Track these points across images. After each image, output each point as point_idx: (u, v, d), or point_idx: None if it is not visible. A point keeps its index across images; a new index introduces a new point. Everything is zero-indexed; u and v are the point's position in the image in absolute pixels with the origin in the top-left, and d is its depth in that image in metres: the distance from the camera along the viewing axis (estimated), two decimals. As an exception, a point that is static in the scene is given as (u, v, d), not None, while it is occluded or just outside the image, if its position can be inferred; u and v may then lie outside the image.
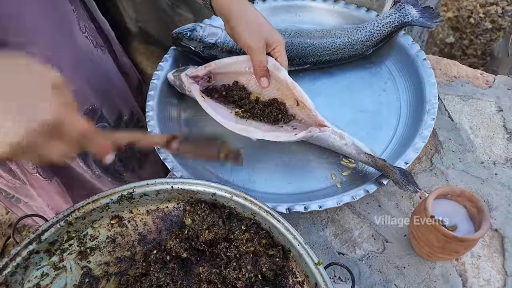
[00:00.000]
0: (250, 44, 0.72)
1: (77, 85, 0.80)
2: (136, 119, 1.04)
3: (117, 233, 0.66)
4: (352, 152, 0.72)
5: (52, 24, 0.71)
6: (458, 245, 0.58)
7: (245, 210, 0.64)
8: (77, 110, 0.70)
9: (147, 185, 0.64)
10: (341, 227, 0.73)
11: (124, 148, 0.56)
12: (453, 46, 2.77)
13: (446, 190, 0.61)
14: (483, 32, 2.79)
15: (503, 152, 0.81)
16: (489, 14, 2.88)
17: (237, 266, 0.59)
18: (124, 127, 0.98)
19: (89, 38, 0.83)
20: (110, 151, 0.52)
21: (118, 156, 0.97)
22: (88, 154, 0.89)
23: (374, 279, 0.67)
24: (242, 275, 0.58)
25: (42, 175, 0.84)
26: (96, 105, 0.86)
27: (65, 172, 0.92)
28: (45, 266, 0.61)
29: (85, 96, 0.83)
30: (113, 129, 0.94)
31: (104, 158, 0.53)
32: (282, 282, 0.62)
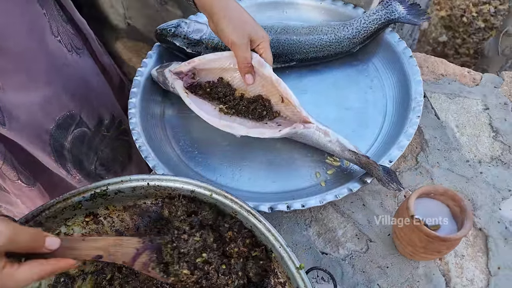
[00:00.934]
0: (234, 40, 0.71)
1: (51, 91, 0.78)
2: (118, 122, 1.02)
3: (93, 230, 0.64)
4: (336, 149, 0.71)
5: (23, 29, 0.69)
6: (441, 245, 0.57)
7: (225, 208, 0.62)
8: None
9: (122, 182, 0.62)
10: (324, 227, 0.72)
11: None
12: (446, 45, 2.78)
13: (429, 189, 0.61)
14: (476, 31, 2.80)
15: (488, 151, 0.80)
16: (481, 13, 2.89)
17: (227, 271, 0.57)
18: (105, 131, 0.96)
19: (62, 42, 0.81)
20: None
21: (100, 160, 0.95)
22: (66, 160, 0.87)
23: (357, 279, 0.66)
24: (232, 281, 0.57)
25: (24, 181, 0.82)
26: (74, 111, 0.84)
27: (46, 177, 0.91)
28: (18, 266, 0.59)
29: (61, 102, 0.81)
30: (94, 136, 0.92)
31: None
32: (264, 283, 0.61)
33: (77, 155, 0.88)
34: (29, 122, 0.76)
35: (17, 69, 0.69)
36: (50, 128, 0.79)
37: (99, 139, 0.94)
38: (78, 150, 0.88)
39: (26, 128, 0.76)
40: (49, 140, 0.80)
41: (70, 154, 0.86)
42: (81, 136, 0.87)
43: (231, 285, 0.56)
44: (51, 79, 0.77)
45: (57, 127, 0.81)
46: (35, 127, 0.78)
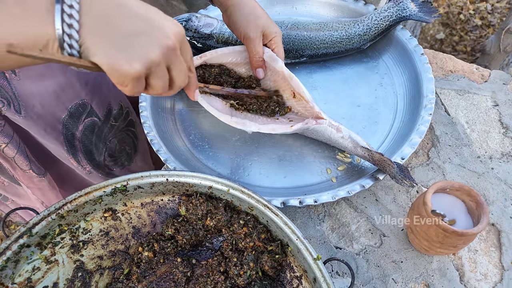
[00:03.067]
0: (247, 34, 0.71)
1: (66, 79, 0.77)
2: (126, 113, 1.01)
3: (111, 226, 0.64)
4: (348, 146, 0.71)
5: None
6: (457, 240, 0.58)
7: (242, 204, 0.62)
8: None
9: (142, 178, 0.62)
10: (338, 221, 0.72)
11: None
12: (443, 42, 2.78)
13: (445, 185, 0.61)
14: (473, 28, 2.81)
15: (499, 147, 0.81)
16: (478, 11, 2.90)
17: (238, 263, 0.58)
18: (114, 121, 0.96)
19: None
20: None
21: (109, 151, 0.95)
22: (77, 150, 0.87)
23: (371, 273, 0.66)
24: (244, 272, 0.57)
25: (36, 172, 0.82)
26: (85, 100, 0.84)
27: (56, 168, 0.90)
28: (36, 260, 0.59)
29: (74, 90, 0.81)
30: (103, 126, 0.92)
31: (194, 96, 0.58)
32: (280, 277, 0.61)
33: (88, 145, 0.88)
34: (43, 111, 0.76)
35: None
36: (62, 117, 0.79)
37: (107, 129, 0.93)
38: (88, 140, 0.88)
39: (41, 117, 0.76)
40: (61, 129, 0.80)
41: (81, 144, 0.86)
42: (91, 126, 0.87)
43: (243, 276, 0.57)
44: (66, 67, 0.76)
45: (69, 116, 0.80)
46: (49, 116, 0.78)
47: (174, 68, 0.48)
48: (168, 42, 0.44)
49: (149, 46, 0.43)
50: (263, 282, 0.59)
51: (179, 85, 0.50)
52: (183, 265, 0.61)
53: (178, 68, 0.48)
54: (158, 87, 0.47)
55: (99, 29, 0.41)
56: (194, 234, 0.63)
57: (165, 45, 0.44)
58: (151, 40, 0.43)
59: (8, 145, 0.74)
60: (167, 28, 0.45)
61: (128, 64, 0.42)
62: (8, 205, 1.03)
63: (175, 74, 0.48)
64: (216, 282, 0.59)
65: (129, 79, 0.43)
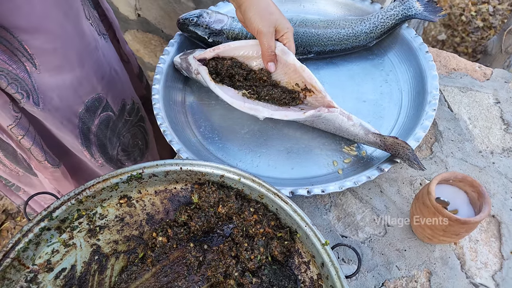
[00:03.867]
0: (260, 29, 0.73)
1: (83, 73, 0.80)
2: (137, 108, 1.04)
3: (126, 212, 0.67)
4: (359, 133, 0.73)
5: (61, 11, 0.71)
6: (460, 228, 0.60)
7: (252, 192, 0.65)
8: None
9: (157, 166, 0.64)
10: (344, 211, 0.75)
11: None
12: (445, 43, 2.79)
13: (448, 176, 0.64)
14: (474, 30, 2.82)
15: (500, 142, 0.83)
16: (480, 13, 2.91)
17: (249, 248, 0.61)
18: (128, 116, 0.99)
19: (94, 26, 0.83)
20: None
21: (122, 146, 0.98)
22: (91, 144, 0.89)
23: (376, 261, 0.69)
24: (255, 256, 0.60)
25: (50, 162, 0.85)
26: (101, 94, 0.87)
27: (68, 160, 0.93)
28: (55, 243, 0.61)
29: (91, 84, 0.83)
30: (118, 120, 0.94)
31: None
32: (288, 262, 0.63)
33: (102, 139, 0.90)
34: (61, 104, 0.78)
35: (54, 49, 0.71)
36: (79, 110, 0.82)
37: (122, 124, 0.96)
38: (103, 135, 0.91)
39: (58, 110, 0.78)
40: (77, 123, 0.82)
41: (95, 138, 0.88)
42: (106, 120, 0.90)
43: (254, 260, 0.59)
44: (84, 61, 0.79)
45: (86, 110, 0.83)
46: (66, 109, 0.80)
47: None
48: None
49: None
50: (273, 267, 0.62)
51: None
52: (196, 250, 0.64)
53: None
54: None
55: None
56: (206, 221, 0.66)
57: None
58: None
59: (24, 137, 0.77)
60: None
61: None
62: (19, 195, 1.06)
63: None
64: (228, 266, 0.62)
65: None
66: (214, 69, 0.82)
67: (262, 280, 0.59)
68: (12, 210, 1.86)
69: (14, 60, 0.67)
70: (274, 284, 0.60)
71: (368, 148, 0.80)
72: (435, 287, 0.66)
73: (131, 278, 0.63)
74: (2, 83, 0.68)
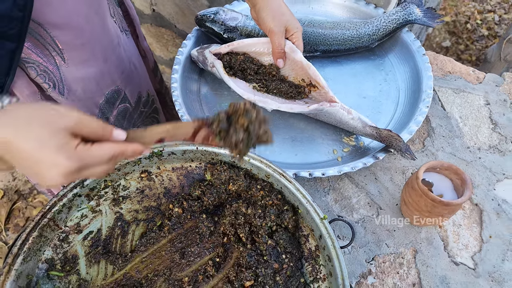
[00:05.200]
0: (272, 28, 0.81)
1: (106, 67, 0.87)
2: (151, 100, 1.12)
3: (146, 185, 0.75)
4: (358, 126, 0.81)
5: (90, 8, 0.78)
6: (443, 209, 0.68)
7: (260, 172, 0.73)
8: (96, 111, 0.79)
9: (176, 145, 0.72)
10: (341, 195, 0.83)
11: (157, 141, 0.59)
12: (449, 50, 2.82)
13: (436, 164, 0.71)
14: (479, 38, 2.84)
15: (487, 140, 0.91)
16: (486, 21, 2.94)
17: (262, 214, 0.68)
18: (143, 107, 1.06)
19: (117, 23, 0.91)
20: (144, 151, 0.53)
21: None
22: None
23: (368, 238, 0.76)
24: (265, 223, 0.68)
25: None
26: (120, 87, 0.94)
27: None
28: (84, 208, 0.70)
29: (112, 78, 0.91)
30: (134, 111, 1.02)
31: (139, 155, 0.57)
32: (296, 234, 0.71)
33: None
34: (84, 95, 0.85)
35: (82, 45, 0.78)
36: (100, 101, 0.89)
37: (137, 115, 1.04)
38: (120, 124, 0.98)
39: (81, 101, 0.86)
40: (97, 113, 0.90)
41: None
42: (124, 111, 0.97)
43: (264, 227, 0.67)
44: (107, 56, 0.86)
45: (106, 101, 0.90)
46: (88, 100, 0.87)
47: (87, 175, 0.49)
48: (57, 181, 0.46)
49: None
50: (288, 234, 0.69)
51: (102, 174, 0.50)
52: (207, 220, 0.72)
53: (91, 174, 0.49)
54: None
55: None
56: (217, 196, 0.74)
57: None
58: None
59: None
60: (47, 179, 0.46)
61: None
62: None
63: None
64: (239, 224, 0.69)
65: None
66: (228, 63, 0.90)
67: (279, 243, 0.67)
68: (24, 191, 1.94)
69: (45, 53, 0.74)
70: (288, 248, 0.67)
71: (365, 139, 0.87)
72: (420, 263, 0.74)
73: (149, 243, 0.70)
74: (32, 73, 0.74)
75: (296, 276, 0.67)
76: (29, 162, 0.44)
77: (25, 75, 0.73)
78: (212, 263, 0.69)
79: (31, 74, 0.75)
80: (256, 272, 0.65)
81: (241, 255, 0.68)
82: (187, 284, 0.67)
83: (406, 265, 0.74)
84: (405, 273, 0.73)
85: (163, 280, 0.67)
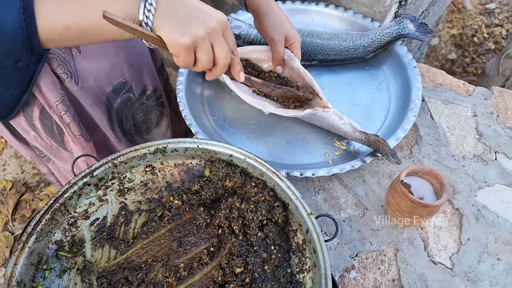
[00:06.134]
0: (273, 37, 0.87)
1: (117, 60, 0.94)
2: (158, 95, 1.19)
3: (149, 179, 0.81)
4: (348, 130, 0.87)
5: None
6: (422, 210, 0.73)
7: (254, 170, 0.79)
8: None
9: (178, 143, 0.79)
10: (330, 195, 0.88)
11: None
12: (454, 62, 2.85)
13: (417, 168, 0.77)
14: (486, 52, 2.86)
15: (472, 149, 0.96)
16: (493, 35, 2.96)
17: (254, 209, 0.74)
18: (145, 99, 1.14)
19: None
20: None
21: (134, 122, 1.13)
22: (113, 119, 1.05)
23: (353, 236, 0.82)
24: (257, 217, 0.73)
25: (84, 137, 0.99)
26: (127, 79, 1.01)
27: (95, 136, 1.08)
28: (92, 197, 0.76)
29: (121, 70, 0.98)
30: (136, 101, 1.09)
31: (239, 76, 0.74)
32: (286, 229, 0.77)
33: (120, 115, 1.05)
34: (95, 85, 0.93)
35: None
36: (107, 90, 0.96)
37: (138, 104, 1.11)
38: (121, 111, 1.06)
39: (92, 90, 0.93)
40: (105, 100, 0.97)
41: (116, 115, 1.03)
42: (126, 100, 1.05)
43: (255, 220, 0.73)
44: (119, 50, 0.93)
45: (113, 90, 0.98)
46: (97, 89, 0.95)
47: (216, 46, 0.64)
48: (212, 24, 0.61)
49: (198, 26, 0.60)
50: (277, 228, 0.75)
51: (222, 62, 0.66)
52: (204, 213, 0.78)
53: (219, 46, 0.64)
54: (204, 60, 0.64)
55: (165, 15, 0.60)
56: (214, 191, 0.80)
57: (209, 26, 0.61)
58: (199, 22, 0.60)
59: (66, 112, 0.92)
60: (213, 16, 0.62)
61: (181, 37, 0.60)
62: (48, 166, 1.21)
63: (217, 51, 0.64)
64: (233, 218, 0.75)
65: (181, 49, 0.61)
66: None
67: (268, 236, 0.73)
68: (32, 184, 2.01)
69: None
70: (277, 241, 0.73)
71: (356, 144, 0.93)
72: (400, 261, 0.79)
73: (150, 231, 0.77)
74: (53, 64, 0.82)
75: (283, 267, 0.72)
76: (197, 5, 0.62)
77: (47, 66, 0.80)
78: (207, 252, 0.75)
79: (52, 65, 0.82)
80: (246, 260, 0.71)
81: (233, 245, 0.73)
82: (183, 269, 0.73)
83: (387, 262, 0.79)
84: (386, 269, 0.78)
85: (161, 265, 0.73)
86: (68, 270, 0.70)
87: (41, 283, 0.67)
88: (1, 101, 0.76)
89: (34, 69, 0.74)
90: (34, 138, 0.99)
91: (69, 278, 0.70)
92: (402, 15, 1.07)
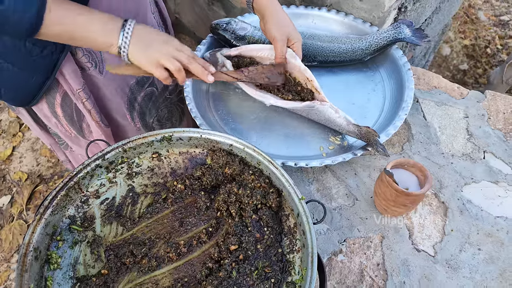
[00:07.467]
0: (276, 37, 0.94)
1: None
2: (179, 91, 1.27)
3: (156, 165, 0.88)
4: (343, 123, 0.93)
5: (134, 5, 0.93)
6: (406, 199, 0.79)
7: (252, 160, 0.85)
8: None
9: (183, 132, 0.86)
10: (323, 185, 0.95)
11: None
12: (466, 73, 2.85)
13: (403, 161, 0.83)
14: (499, 63, 2.84)
15: (461, 148, 1.02)
16: (506, 47, 2.96)
17: (250, 194, 0.80)
18: (168, 94, 1.22)
19: (155, 19, 1.06)
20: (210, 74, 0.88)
21: (158, 117, 1.20)
22: (135, 109, 1.12)
23: (342, 223, 0.88)
24: (252, 202, 0.80)
25: (104, 123, 1.07)
26: None
27: (112, 124, 1.16)
28: (103, 178, 0.83)
29: None
30: (159, 96, 1.17)
31: (206, 79, 0.87)
32: (279, 214, 0.83)
33: (144, 109, 1.13)
34: (118, 76, 1.01)
35: None
36: (131, 83, 1.05)
37: (162, 99, 1.19)
38: (145, 105, 1.13)
39: (116, 80, 1.01)
40: (128, 92, 1.05)
41: (139, 107, 1.11)
42: (150, 93, 1.12)
43: (251, 204, 0.80)
44: None
45: (136, 83, 1.06)
46: (121, 80, 1.03)
47: (176, 56, 0.81)
48: (167, 44, 0.81)
49: (158, 48, 0.80)
50: (271, 212, 0.81)
51: (188, 62, 0.83)
52: (205, 197, 0.84)
53: (179, 55, 0.82)
54: (174, 69, 0.81)
55: (136, 43, 0.78)
56: (215, 178, 0.86)
57: (166, 45, 0.81)
58: (158, 44, 0.80)
59: (87, 100, 1.00)
60: (169, 39, 0.83)
61: (148, 59, 0.79)
62: (66, 153, 1.29)
63: (179, 58, 0.81)
64: (231, 202, 0.82)
65: (153, 70, 0.80)
66: (236, 64, 1.04)
67: (262, 218, 0.79)
68: (46, 176, 2.10)
69: None
70: (269, 223, 0.79)
71: (349, 139, 0.99)
72: (385, 247, 0.85)
73: (154, 212, 0.84)
74: (79, 53, 0.91)
75: (275, 247, 0.78)
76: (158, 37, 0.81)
77: (70, 55, 0.89)
78: (205, 232, 0.81)
79: (77, 55, 0.91)
80: (241, 239, 0.77)
81: (230, 226, 0.80)
82: (183, 246, 0.79)
83: (373, 248, 0.85)
84: (372, 254, 0.84)
85: (163, 242, 0.80)
86: (79, 243, 0.78)
87: (55, 252, 0.74)
88: (26, 86, 0.85)
89: (58, 57, 0.83)
90: (55, 125, 1.07)
91: (80, 250, 0.77)
92: (400, 21, 1.13)
